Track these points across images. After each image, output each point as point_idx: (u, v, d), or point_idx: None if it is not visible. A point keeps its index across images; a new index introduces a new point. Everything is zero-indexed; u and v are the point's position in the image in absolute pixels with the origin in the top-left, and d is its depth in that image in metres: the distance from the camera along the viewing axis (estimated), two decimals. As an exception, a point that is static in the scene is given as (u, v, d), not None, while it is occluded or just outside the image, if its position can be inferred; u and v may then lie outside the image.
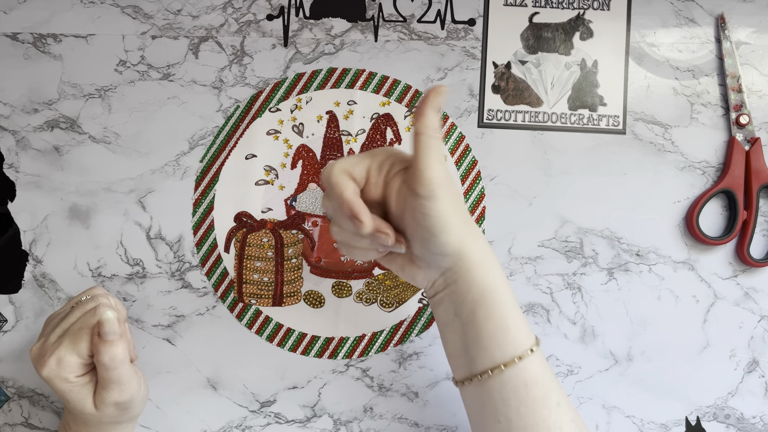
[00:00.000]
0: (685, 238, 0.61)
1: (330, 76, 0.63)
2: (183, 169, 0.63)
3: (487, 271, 0.46)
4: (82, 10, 0.64)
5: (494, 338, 0.45)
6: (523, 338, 0.46)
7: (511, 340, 0.45)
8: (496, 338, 0.45)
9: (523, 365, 0.45)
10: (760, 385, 0.61)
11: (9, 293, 0.62)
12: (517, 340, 0.46)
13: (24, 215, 0.63)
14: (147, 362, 0.61)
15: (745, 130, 0.61)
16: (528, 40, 0.63)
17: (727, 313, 0.61)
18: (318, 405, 0.61)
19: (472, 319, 0.46)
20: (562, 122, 0.63)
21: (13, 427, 0.61)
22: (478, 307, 0.46)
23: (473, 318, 0.46)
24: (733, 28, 0.62)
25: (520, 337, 0.46)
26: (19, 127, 0.63)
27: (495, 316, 0.46)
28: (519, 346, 0.45)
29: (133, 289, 0.62)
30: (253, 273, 0.62)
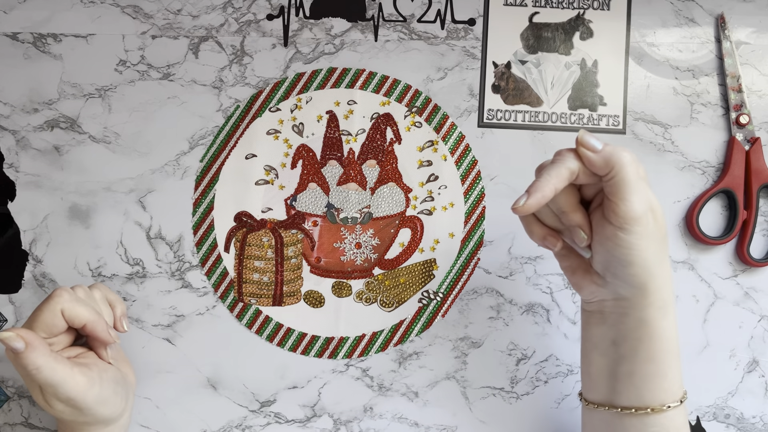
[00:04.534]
0: (685, 238, 0.61)
1: (330, 75, 0.63)
2: (183, 168, 0.63)
3: (663, 315, 0.45)
4: (82, 9, 0.64)
5: (650, 382, 0.45)
6: (677, 389, 0.46)
7: (666, 389, 0.45)
8: (651, 382, 0.45)
9: (670, 415, 0.45)
10: (760, 385, 0.61)
11: (9, 293, 0.62)
12: (671, 389, 0.45)
13: (24, 215, 0.63)
14: (147, 362, 0.61)
15: (745, 130, 0.61)
16: (528, 40, 0.63)
17: (727, 312, 0.61)
18: (318, 405, 0.61)
19: (631, 356, 0.46)
20: (562, 122, 0.63)
21: (13, 426, 0.61)
22: (642, 346, 0.45)
23: (633, 355, 0.46)
24: (733, 28, 0.62)
25: (675, 387, 0.46)
26: (19, 126, 0.63)
27: (657, 361, 0.45)
28: (671, 396, 0.45)
29: (133, 288, 0.62)
30: (253, 273, 0.62)
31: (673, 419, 0.45)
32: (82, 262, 0.62)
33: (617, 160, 0.43)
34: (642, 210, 0.43)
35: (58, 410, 0.49)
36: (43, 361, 0.48)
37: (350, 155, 0.63)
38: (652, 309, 0.45)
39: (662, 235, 0.44)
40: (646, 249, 0.43)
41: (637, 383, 0.46)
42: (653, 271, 0.44)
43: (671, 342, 0.45)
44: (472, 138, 0.63)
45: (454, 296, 0.62)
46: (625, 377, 0.46)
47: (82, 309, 0.50)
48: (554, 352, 0.61)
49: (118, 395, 0.53)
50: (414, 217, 0.62)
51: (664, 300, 0.45)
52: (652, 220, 0.43)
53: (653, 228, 0.43)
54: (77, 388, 0.49)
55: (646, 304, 0.45)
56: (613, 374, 0.47)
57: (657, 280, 0.44)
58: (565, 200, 0.46)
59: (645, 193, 0.43)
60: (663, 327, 0.45)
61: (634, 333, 0.45)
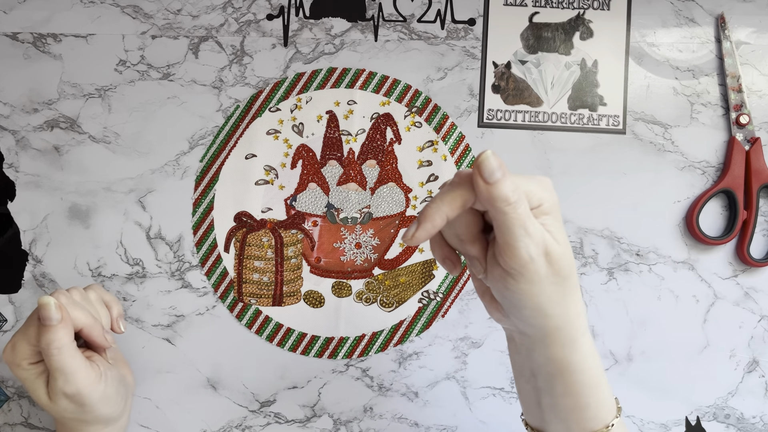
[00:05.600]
0: (685, 238, 0.61)
1: (330, 75, 0.63)
2: (183, 168, 0.63)
3: (570, 351, 0.42)
4: (82, 9, 0.64)
5: (572, 414, 0.43)
6: (605, 414, 0.43)
7: (591, 417, 0.43)
8: (574, 414, 0.43)
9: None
10: (760, 385, 0.61)
11: (9, 293, 0.62)
12: (597, 416, 0.43)
13: (24, 215, 0.63)
14: (147, 362, 0.61)
15: (745, 130, 0.61)
16: (528, 40, 0.63)
17: (727, 313, 0.61)
18: (318, 405, 0.61)
19: (548, 389, 0.44)
20: (562, 122, 0.63)
21: (13, 426, 0.61)
22: (556, 381, 0.43)
23: (550, 389, 0.43)
24: (733, 28, 0.62)
25: (601, 414, 0.43)
26: (19, 126, 0.63)
27: (574, 394, 0.43)
28: (598, 423, 0.43)
29: (133, 288, 0.62)
30: (252, 273, 0.62)
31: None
32: (82, 262, 0.62)
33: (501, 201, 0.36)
34: (528, 257, 0.38)
35: (62, 407, 0.49)
36: (68, 342, 0.48)
37: (350, 155, 0.63)
38: (557, 346, 0.41)
39: (562, 277, 0.39)
40: (539, 294, 0.39)
41: (561, 416, 0.44)
42: (549, 312, 0.40)
43: (585, 374, 0.42)
44: (472, 138, 0.63)
45: (454, 296, 0.62)
46: (548, 409, 0.44)
47: (78, 313, 0.50)
48: (554, 352, 0.61)
49: (120, 394, 0.53)
50: (414, 217, 0.62)
51: (569, 337, 0.41)
52: (545, 264, 0.38)
53: (546, 272, 0.39)
54: (87, 381, 0.49)
55: (549, 342, 0.41)
56: (539, 404, 0.45)
57: (556, 320, 0.40)
58: (464, 228, 0.40)
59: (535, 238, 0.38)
60: (573, 362, 0.42)
61: (545, 368, 0.43)
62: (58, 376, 0.48)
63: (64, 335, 0.47)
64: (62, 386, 0.48)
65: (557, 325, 0.41)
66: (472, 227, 0.40)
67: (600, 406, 0.43)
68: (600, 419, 0.43)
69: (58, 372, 0.48)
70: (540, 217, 0.39)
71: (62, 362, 0.48)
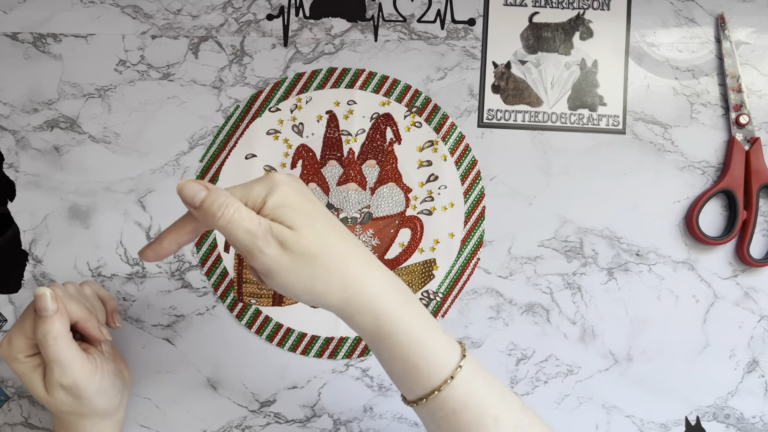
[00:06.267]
0: (685, 238, 0.61)
1: (330, 75, 0.63)
2: (183, 168, 0.63)
3: (373, 318, 0.43)
4: (82, 9, 0.64)
5: (407, 376, 0.44)
6: (440, 369, 0.43)
7: (426, 375, 0.43)
8: (409, 376, 0.44)
9: (445, 395, 0.43)
10: (760, 385, 0.61)
11: (9, 293, 0.62)
12: (432, 373, 0.43)
13: (24, 215, 0.63)
14: (147, 362, 0.61)
15: (744, 130, 0.61)
16: (528, 40, 0.63)
17: (727, 313, 0.61)
18: (318, 405, 0.61)
19: (380, 358, 0.45)
20: (562, 122, 0.63)
21: (13, 426, 0.62)
22: (379, 349, 0.44)
23: (380, 357, 0.45)
24: (733, 28, 0.62)
25: (437, 369, 0.43)
26: (19, 126, 0.63)
27: (399, 357, 0.43)
28: (436, 379, 0.43)
29: (133, 288, 0.62)
30: (253, 273, 0.62)
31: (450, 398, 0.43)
32: (82, 262, 0.62)
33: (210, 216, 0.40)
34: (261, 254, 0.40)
35: (58, 400, 0.50)
36: (64, 333, 0.48)
37: (350, 155, 0.63)
38: (359, 316, 0.43)
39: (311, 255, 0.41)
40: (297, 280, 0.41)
41: (401, 380, 0.44)
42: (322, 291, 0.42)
43: (402, 336, 0.43)
44: (472, 138, 0.63)
45: (454, 296, 0.62)
46: (391, 375, 0.45)
47: (73, 306, 0.50)
48: (554, 352, 0.61)
49: (116, 387, 0.53)
50: (414, 217, 0.62)
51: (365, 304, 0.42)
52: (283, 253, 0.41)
53: (290, 260, 0.41)
54: (83, 373, 0.49)
55: (350, 315, 0.43)
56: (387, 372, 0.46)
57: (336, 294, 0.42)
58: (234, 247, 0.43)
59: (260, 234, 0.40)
60: (382, 326, 0.42)
61: (366, 339, 0.44)
62: (54, 367, 0.48)
63: (60, 326, 0.48)
64: (59, 378, 0.48)
65: (341, 297, 0.42)
66: None
67: (431, 363, 0.43)
68: (436, 375, 0.43)
69: (54, 363, 0.48)
70: (270, 211, 0.41)
71: (58, 353, 0.48)
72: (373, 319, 0.43)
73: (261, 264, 0.41)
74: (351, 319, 0.43)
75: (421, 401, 0.44)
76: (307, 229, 0.41)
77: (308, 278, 0.41)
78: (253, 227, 0.40)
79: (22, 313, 0.50)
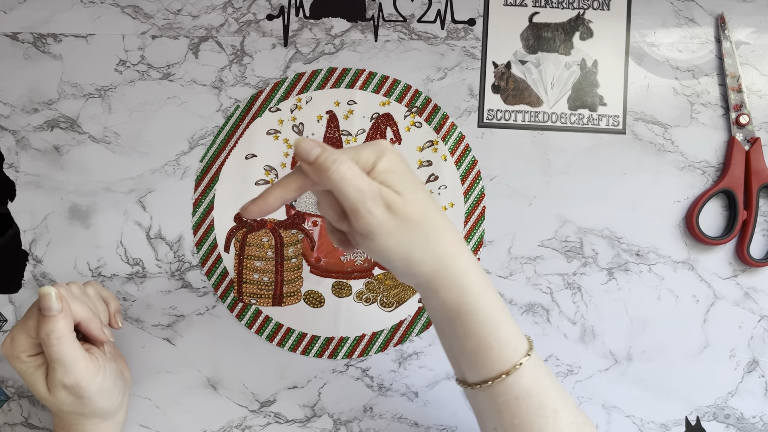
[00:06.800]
0: (685, 238, 0.61)
1: (330, 75, 0.63)
2: (183, 168, 0.63)
3: (459, 293, 0.43)
4: (82, 9, 0.64)
5: (478, 356, 0.44)
6: (511, 353, 0.44)
7: (497, 358, 0.44)
8: (479, 356, 0.44)
9: (512, 380, 0.44)
10: (760, 385, 0.61)
11: (9, 293, 0.62)
12: (503, 356, 0.44)
13: (24, 215, 0.63)
14: (147, 362, 0.61)
15: (745, 130, 0.61)
16: (528, 40, 0.63)
17: (727, 313, 0.61)
18: (318, 405, 0.61)
19: (452, 335, 0.45)
20: (562, 122, 0.63)
21: (13, 426, 0.62)
22: (455, 326, 0.44)
23: (454, 335, 0.45)
24: (733, 28, 0.62)
25: (507, 353, 0.44)
26: (19, 126, 0.63)
27: (475, 336, 0.44)
28: (506, 363, 0.44)
29: (133, 289, 0.62)
30: (253, 273, 0.62)
31: (515, 384, 0.44)
32: (82, 262, 0.62)
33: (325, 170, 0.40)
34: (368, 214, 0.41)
35: (60, 399, 0.50)
36: (68, 332, 0.48)
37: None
38: (444, 290, 0.43)
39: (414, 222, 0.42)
40: (397, 245, 0.42)
41: (469, 360, 0.44)
42: (417, 258, 0.42)
43: (480, 314, 0.43)
44: (472, 138, 0.63)
45: (454, 296, 0.62)
46: (459, 355, 0.45)
47: (77, 306, 0.50)
48: (554, 352, 0.61)
49: (117, 388, 0.53)
50: (414, 217, 0.62)
51: (451, 278, 0.43)
52: (389, 216, 0.41)
53: (394, 224, 0.41)
54: (85, 372, 0.49)
55: (436, 288, 0.43)
56: (453, 353, 0.46)
57: (429, 264, 0.43)
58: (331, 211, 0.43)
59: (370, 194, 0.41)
60: (465, 303, 0.43)
61: (443, 314, 0.44)
62: (57, 366, 0.48)
63: (64, 326, 0.48)
64: (61, 377, 0.48)
65: (433, 268, 0.43)
66: (336, 206, 0.43)
67: (504, 346, 0.44)
68: (506, 359, 0.44)
69: (57, 363, 0.48)
70: (377, 175, 0.42)
71: (61, 353, 0.48)
72: (459, 295, 0.43)
73: (365, 224, 0.41)
74: (435, 293, 0.44)
75: (485, 383, 0.44)
76: (412, 196, 0.42)
77: (407, 244, 0.42)
78: (365, 186, 0.41)
79: (26, 312, 0.50)
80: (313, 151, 0.41)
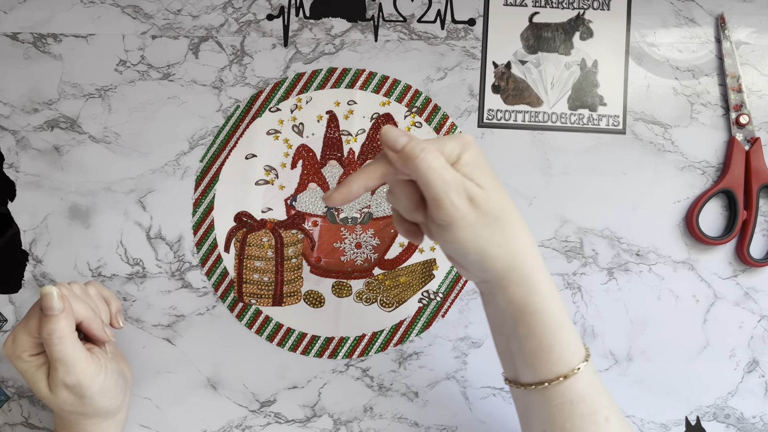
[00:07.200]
0: (685, 238, 0.61)
1: (330, 76, 0.63)
2: (183, 168, 0.63)
3: (527, 291, 0.43)
4: (82, 10, 0.64)
5: (537, 357, 0.44)
6: (570, 357, 0.44)
7: (556, 360, 0.44)
8: (539, 357, 0.44)
9: (569, 384, 0.44)
10: (760, 385, 0.61)
11: (9, 293, 0.62)
12: (562, 359, 0.44)
13: (24, 215, 0.63)
14: (147, 362, 0.61)
15: (745, 130, 0.61)
16: (528, 40, 0.63)
17: (727, 313, 0.61)
18: (318, 405, 0.61)
19: (513, 334, 0.45)
20: (562, 122, 0.63)
21: (13, 426, 0.62)
22: (519, 324, 0.44)
23: (515, 333, 0.45)
24: (733, 28, 0.62)
25: (566, 357, 0.44)
26: (19, 126, 0.63)
27: (537, 336, 0.44)
28: (564, 366, 0.44)
29: (133, 288, 0.62)
30: (253, 273, 0.62)
31: (572, 388, 0.44)
32: (82, 262, 0.62)
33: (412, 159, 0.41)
34: (452, 205, 0.41)
35: (62, 399, 0.50)
36: (69, 332, 0.48)
37: (350, 155, 0.63)
38: (514, 287, 0.43)
39: (494, 217, 0.42)
40: (475, 238, 0.42)
41: (528, 360, 0.45)
42: (493, 254, 0.42)
43: (545, 314, 0.43)
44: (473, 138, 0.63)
45: (454, 296, 0.62)
46: (517, 355, 0.45)
47: (78, 306, 0.50)
48: (554, 352, 0.61)
49: (119, 387, 0.54)
50: (414, 217, 0.62)
51: (523, 276, 0.43)
52: (471, 209, 0.41)
53: (475, 217, 0.42)
54: (87, 372, 0.50)
55: (506, 285, 0.43)
56: (510, 353, 0.46)
57: (503, 261, 0.43)
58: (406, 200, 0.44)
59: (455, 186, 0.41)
60: (532, 302, 0.43)
61: (508, 312, 0.44)
62: (59, 366, 0.48)
63: (66, 325, 0.48)
64: (63, 377, 0.49)
65: (506, 265, 0.43)
66: (413, 196, 0.43)
67: (564, 349, 0.44)
68: (565, 363, 0.44)
69: (59, 362, 0.48)
70: (461, 168, 0.42)
71: (63, 352, 0.48)
72: (527, 294, 0.43)
73: (447, 215, 0.41)
74: (504, 290, 0.44)
75: (540, 385, 0.44)
76: (494, 192, 0.43)
77: (484, 239, 0.42)
78: (450, 178, 0.41)
79: (28, 311, 0.50)
80: (400, 139, 0.41)
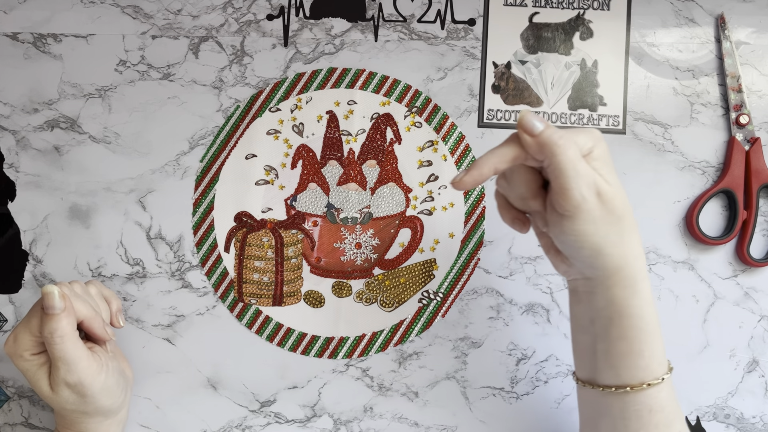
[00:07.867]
0: (685, 238, 0.61)
1: (330, 76, 0.63)
2: (183, 168, 0.63)
3: (631, 294, 0.44)
4: (82, 10, 0.64)
5: (625, 360, 0.44)
6: (656, 366, 0.45)
7: (644, 366, 0.44)
8: (627, 360, 0.44)
9: (651, 392, 0.44)
10: (760, 385, 0.61)
11: (9, 293, 0.62)
12: (649, 367, 0.44)
13: (24, 215, 0.63)
14: (147, 362, 0.61)
15: (745, 130, 0.61)
16: (528, 40, 0.63)
17: (727, 313, 0.61)
18: (318, 405, 0.61)
19: (604, 334, 0.45)
20: (562, 122, 0.63)
21: (13, 426, 0.62)
22: (613, 325, 0.44)
23: (606, 334, 0.45)
24: (733, 28, 0.62)
25: (653, 365, 0.44)
26: (19, 126, 0.63)
27: (629, 339, 0.44)
28: (650, 373, 0.44)
29: (133, 289, 0.62)
30: (253, 273, 0.62)
31: (654, 397, 0.44)
32: (82, 262, 0.62)
33: (550, 146, 0.41)
34: (581, 197, 0.41)
35: (63, 398, 0.50)
36: (71, 331, 0.48)
37: (350, 155, 0.63)
38: (618, 288, 0.44)
39: (616, 216, 0.42)
40: (594, 233, 0.42)
41: (613, 362, 0.45)
42: (608, 251, 0.43)
43: (643, 320, 0.44)
44: (472, 138, 0.63)
45: (454, 296, 0.62)
46: (602, 355, 0.45)
47: (79, 305, 0.50)
48: (554, 352, 0.61)
49: (120, 386, 0.54)
50: (414, 217, 0.62)
51: (630, 278, 0.44)
52: (598, 204, 0.42)
53: (600, 212, 0.42)
54: (88, 371, 0.50)
55: (611, 284, 0.44)
56: (593, 352, 0.46)
57: (615, 260, 0.43)
58: (524, 187, 0.44)
59: (586, 179, 0.41)
60: (632, 305, 0.44)
61: (604, 312, 0.45)
62: (60, 365, 0.48)
63: (67, 324, 0.48)
64: (64, 375, 0.49)
65: (617, 264, 0.43)
66: (532, 184, 0.44)
67: (653, 356, 0.44)
68: (651, 371, 0.44)
69: (60, 361, 0.48)
70: (591, 162, 0.42)
71: (65, 351, 0.48)
72: (630, 296, 0.44)
73: (573, 206, 0.41)
74: (608, 289, 0.44)
75: (622, 389, 0.45)
76: (620, 190, 0.43)
77: (602, 235, 0.42)
78: (583, 169, 0.41)
79: (29, 311, 0.50)
80: (537, 124, 0.41)
